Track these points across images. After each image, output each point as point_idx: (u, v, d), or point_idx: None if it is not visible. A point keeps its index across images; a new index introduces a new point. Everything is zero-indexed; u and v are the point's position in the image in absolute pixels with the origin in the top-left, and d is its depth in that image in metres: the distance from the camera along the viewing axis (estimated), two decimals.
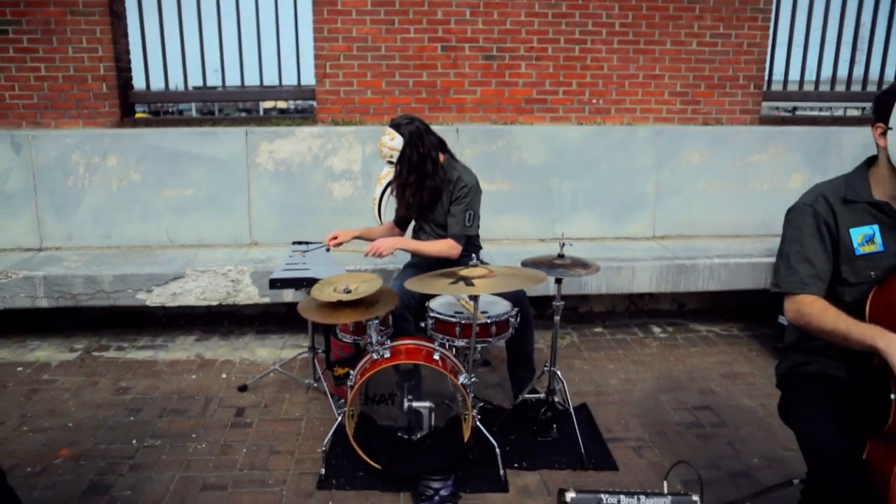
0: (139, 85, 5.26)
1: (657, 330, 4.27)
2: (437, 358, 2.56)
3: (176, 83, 5.53)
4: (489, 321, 2.69)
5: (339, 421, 2.66)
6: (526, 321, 2.93)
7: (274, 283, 3.02)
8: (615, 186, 4.61)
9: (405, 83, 4.92)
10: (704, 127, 5.05)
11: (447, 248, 3.06)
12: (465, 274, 2.50)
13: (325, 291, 2.58)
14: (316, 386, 3.33)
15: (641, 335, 4.18)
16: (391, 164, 3.04)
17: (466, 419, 2.58)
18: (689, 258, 4.01)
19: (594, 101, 5.14)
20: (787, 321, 1.87)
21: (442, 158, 3.12)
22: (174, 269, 3.81)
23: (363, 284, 2.59)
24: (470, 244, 3.18)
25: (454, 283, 2.42)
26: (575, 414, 2.84)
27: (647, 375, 3.58)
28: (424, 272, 2.78)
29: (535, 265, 2.70)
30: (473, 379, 2.61)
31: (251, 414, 3.12)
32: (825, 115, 7.81)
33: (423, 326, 2.88)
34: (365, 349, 2.82)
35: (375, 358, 2.56)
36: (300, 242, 3.52)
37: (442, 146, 3.13)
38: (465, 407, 2.56)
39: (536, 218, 4.51)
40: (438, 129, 3.45)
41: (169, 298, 3.79)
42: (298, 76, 5.17)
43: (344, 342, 3.00)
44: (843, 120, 5.66)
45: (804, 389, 1.89)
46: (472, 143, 4.50)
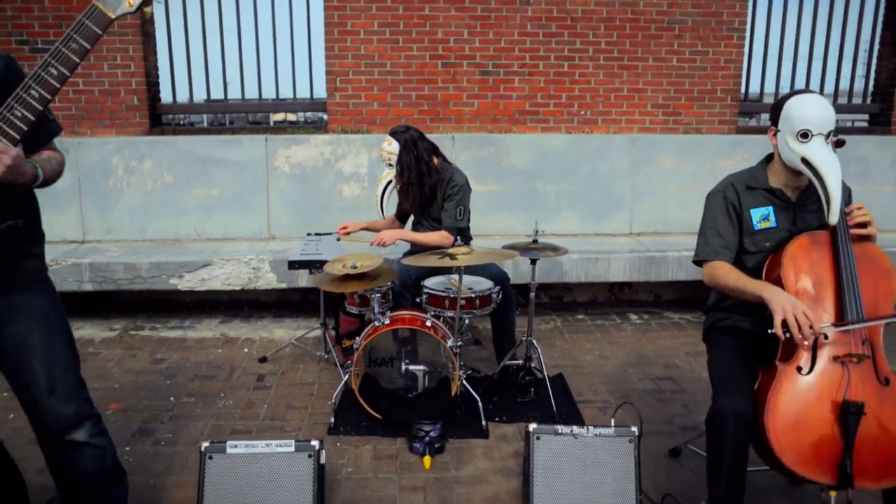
0: (166, 98, 5.80)
1: (634, 317, 4.73)
2: (429, 325, 3.03)
3: (200, 96, 6.08)
4: (473, 295, 3.16)
5: (346, 379, 3.14)
6: (507, 298, 3.41)
7: (292, 264, 3.52)
8: (595, 188, 5.09)
9: (408, 96, 5.41)
10: (676, 135, 5.51)
11: (441, 238, 3.54)
12: (450, 252, 2.99)
13: (335, 267, 3.08)
14: (327, 357, 3.82)
15: (619, 321, 4.64)
16: (390, 166, 3.54)
17: (454, 378, 3.05)
18: (659, 251, 4.48)
19: (582, 112, 5.61)
20: (705, 283, 2.34)
21: (436, 162, 3.60)
22: (202, 258, 4.32)
23: (366, 261, 3.09)
24: (462, 236, 3.66)
25: (441, 258, 2.91)
26: (550, 381, 3.32)
27: (619, 353, 4.03)
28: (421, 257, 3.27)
29: (513, 248, 3.18)
30: (460, 343, 3.08)
31: (270, 379, 3.61)
32: None
33: (418, 301, 3.36)
34: (369, 321, 3.30)
35: (377, 325, 3.05)
36: (314, 234, 4.02)
37: (435, 151, 3.62)
38: (452, 368, 3.03)
39: (524, 216, 4.99)
40: (437, 137, 3.94)
41: (198, 283, 4.30)
42: (311, 89, 5.67)
43: (351, 317, 3.49)
44: None
45: (719, 338, 2.36)
46: (466, 149, 4.99)
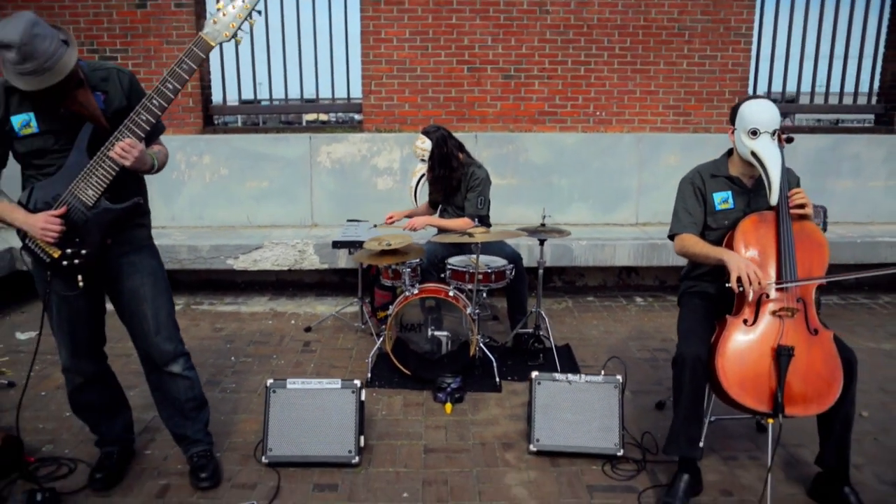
0: (217, 99, 6.43)
1: (639, 299, 5.20)
2: (451, 295, 3.57)
3: (246, 97, 6.71)
4: (489, 270, 3.69)
5: (380, 341, 3.69)
6: (520, 275, 3.93)
7: (336, 244, 4.11)
8: (604, 182, 5.57)
9: (437, 98, 5.95)
10: (679, 134, 5.94)
11: (464, 224, 4.05)
12: (469, 231, 3.53)
13: (373, 245, 3.63)
14: (363, 328, 4.38)
15: (625, 303, 5.11)
16: (423, 161, 4.07)
17: (472, 341, 3.58)
18: (661, 239, 4.94)
19: (597, 113, 6.08)
20: (676, 252, 2.82)
21: (461, 157, 4.13)
22: (254, 241, 4.92)
23: (399, 240, 3.64)
24: (482, 222, 4.17)
25: (461, 235, 3.45)
26: (557, 349, 3.83)
27: (622, 329, 4.52)
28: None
29: (524, 231, 3.70)
30: (478, 311, 3.61)
31: (315, 345, 4.18)
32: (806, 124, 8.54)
33: (443, 277, 3.90)
34: (401, 294, 3.84)
35: (407, 294, 3.59)
36: (353, 220, 4.59)
37: (461, 148, 4.14)
38: (471, 332, 3.56)
39: (539, 207, 5.42)
40: (462, 135, 4.47)
41: (251, 264, 4.90)
42: (348, 92, 6.25)
43: (385, 291, 4.04)
44: (799, 129, 6.47)
45: (688, 301, 2.84)
46: (487, 146, 5.52)
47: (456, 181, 4.07)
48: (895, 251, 4.95)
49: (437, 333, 3.67)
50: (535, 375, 2.94)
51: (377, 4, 5.70)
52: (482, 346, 3.63)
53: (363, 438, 2.82)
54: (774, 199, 2.53)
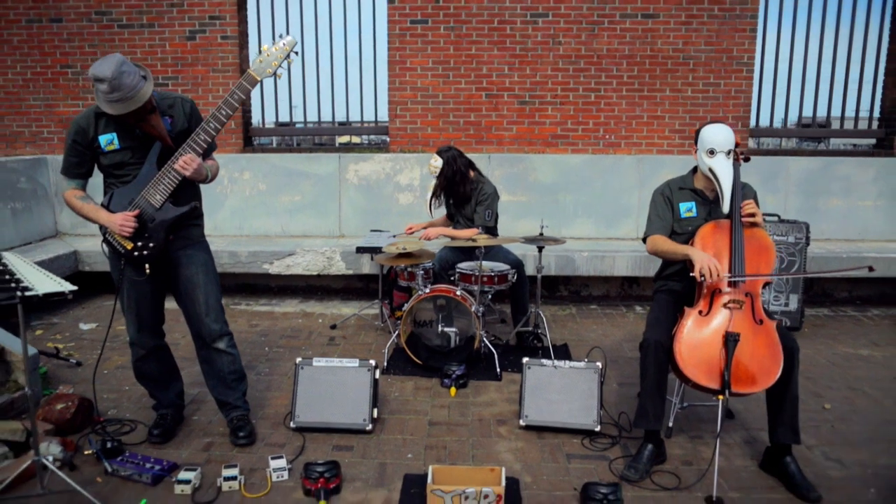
0: (256, 121, 7.06)
1: (639, 308, 5.60)
2: (458, 294, 4.04)
3: (283, 119, 7.33)
4: (493, 274, 4.16)
5: (395, 334, 4.17)
6: (521, 279, 4.39)
7: (360, 249, 4.63)
8: (607, 200, 6.00)
9: (457, 122, 6.47)
10: (678, 156, 6.35)
11: (472, 234, 4.53)
12: (474, 237, 4.01)
13: (392, 249, 4.14)
14: (383, 326, 4.87)
15: (625, 311, 5.52)
16: (436, 178, 4.57)
17: (477, 336, 4.04)
18: None
19: (607, 136, 6.53)
20: (647, 252, 3.25)
21: (472, 174, 4.61)
22: (288, 249, 5.47)
23: (413, 245, 4.14)
24: (490, 233, 4.64)
25: (467, 241, 3.93)
26: (555, 348, 4.27)
27: (618, 333, 4.93)
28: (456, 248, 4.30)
29: (525, 239, 4.17)
30: (482, 308, 4.07)
31: (339, 340, 4.68)
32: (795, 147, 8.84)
33: (452, 279, 4.37)
34: (415, 293, 4.33)
35: (420, 293, 4.07)
36: (375, 230, 5.11)
37: (471, 165, 4.62)
38: (476, 327, 4.02)
39: (547, 222, 5.93)
40: (477, 156, 4.95)
41: (284, 269, 5.45)
42: (376, 115, 6.82)
43: (402, 292, 4.53)
44: (790, 151, 6.81)
45: (658, 296, 3.26)
46: (500, 166, 6.01)
47: (466, 195, 4.56)
48: (879, 265, 5.27)
49: (446, 329, 4.14)
50: (525, 361, 3.40)
51: (403, 36, 6.27)
52: (486, 340, 4.09)
53: (376, 411, 3.29)
54: (726, 208, 2.97)
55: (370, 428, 3.22)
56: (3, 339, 3.44)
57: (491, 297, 4.51)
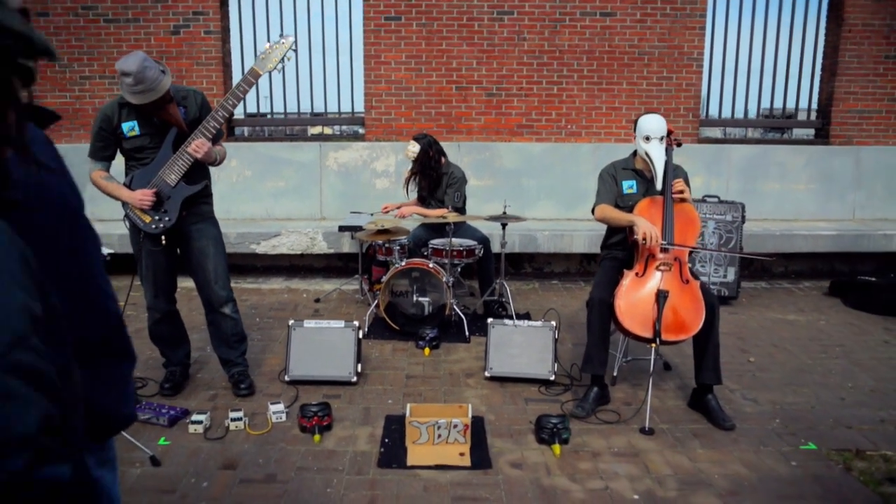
0: (238, 113, 7.41)
1: None
2: (431, 266, 4.52)
3: (263, 110, 7.71)
4: (461, 248, 4.65)
5: (374, 304, 4.64)
6: (487, 254, 4.88)
7: (342, 228, 5.09)
8: (566, 184, 6.53)
9: (429, 113, 6.91)
10: (631, 144, 6.82)
11: (442, 213, 5.01)
12: (444, 215, 4.50)
13: (370, 226, 4.61)
14: (363, 299, 5.33)
15: (584, 286, 6.05)
16: (413, 162, 5.03)
17: (447, 304, 4.52)
18: None
19: (569, 126, 7.03)
20: (595, 219, 3.75)
21: (443, 161, 5.09)
22: (273, 230, 5.89)
23: (389, 223, 4.61)
24: (458, 213, 5.13)
25: (438, 218, 4.42)
26: (517, 314, 4.77)
27: (576, 303, 5.45)
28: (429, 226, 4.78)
29: (489, 217, 4.67)
30: (453, 280, 4.56)
31: (324, 312, 5.13)
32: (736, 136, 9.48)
33: (425, 255, 4.85)
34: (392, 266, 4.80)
35: (397, 266, 4.54)
36: (355, 212, 5.56)
37: (443, 153, 5.09)
38: (447, 296, 4.50)
39: (511, 204, 6.42)
40: (448, 144, 5.40)
41: (270, 248, 5.87)
42: (352, 107, 7.23)
43: (380, 267, 5.00)
44: (729, 140, 7.40)
45: (603, 263, 3.78)
46: (468, 154, 6.49)
47: (438, 179, 5.03)
48: (808, 242, 5.89)
49: (420, 299, 4.62)
50: (490, 321, 3.90)
51: (378, 32, 6.70)
52: (456, 308, 4.58)
53: (360, 366, 3.76)
54: (658, 185, 3.50)
55: (355, 380, 3.70)
56: None
57: (460, 270, 5.00)
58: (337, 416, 3.32)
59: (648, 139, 3.55)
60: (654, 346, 3.37)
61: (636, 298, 3.38)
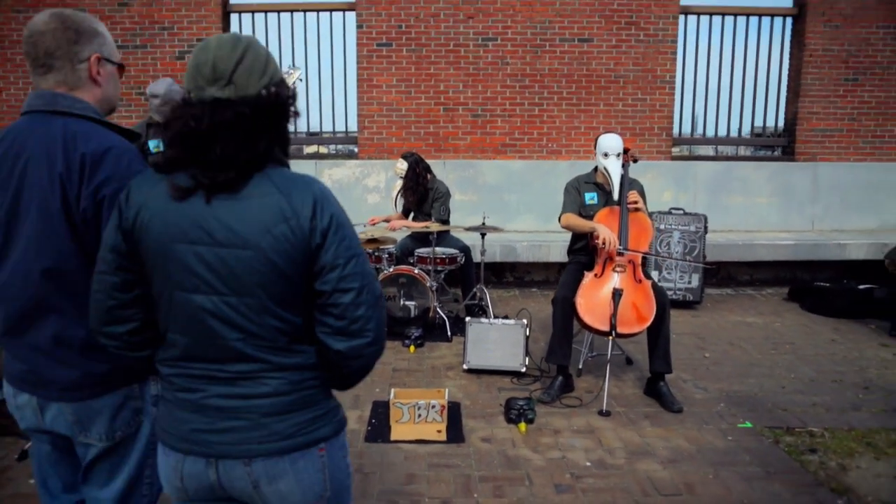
0: None
1: None
2: (416, 272, 4.94)
3: None
4: (444, 256, 5.08)
5: None
6: (469, 262, 5.32)
7: None
8: (545, 198, 6.96)
9: (418, 133, 7.38)
10: None
11: (427, 224, 5.45)
12: (428, 225, 4.94)
13: (361, 236, 5.04)
14: None
15: None
16: (401, 178, 5.47)
17: (431, 307, 4.94)
18: None
19: (549, 144, 7.50)
20: (561, 226, 4.18)
21: (429, 177, 5.53)
22: None
23: (378, 232, 5.05)
24: (443, 225, 5.57)
25: (422, 228, 4.85)
26: (496, 316, 5.19)
27: (551, 308, 5.85)
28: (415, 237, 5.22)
29: (468, 228, 5.11)
30: (436, 285, 4.99)
31: None
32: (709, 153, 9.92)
33: (411, 262, 5.27)
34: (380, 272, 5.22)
35: (385, 272, 4.97)
36: None
37: (429, 169, 5.54)
38: (431, 299, 4.92)
39: (494, 218, 6.86)
40: (434, 162, 5.84)
41: None
42: (346, 127, 7.70)
43: None
44: (698, 157, 7.86)
45: (569, 266, 4.21)
46: (453, 171, 6.95)
47: (424, 193, 5.47)
48: (769, 251, 6.34)
49: (406, 302, 5.03)
50: (468, 320, 4.32)
51: (370, 58, 7.18)
52: (440, 311, 5.00)
53: None
54: (615, 196, 3.94)
55: None
56: None
57: (444, 276, 5.42)
58: None
59: (607, 155, 4.01)
60: (610, 337, 3.79)
61: (595, 296, 3.81)
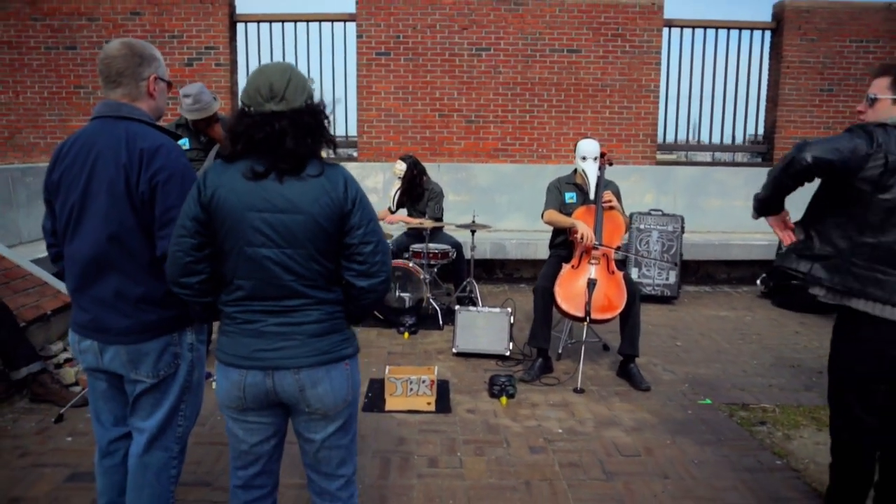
0: None
1: None
2: (411, 266, 5.33)
3: None
4: (437, 251, 5.47)
5: None
6: (460, 257, 5.71)
7: None
8: (533, 199, 7.30)
9: (415, 138, 7.78)
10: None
11: (421, 221, 5.84)
12: (421, 221, 5.33)
13: None
14: None
15: None
16: (399, 179, 5.86)
17: (424, 297, 5.33)
18: None
19: (540, 149, 7.91)
20: (544, 222, 4.57)
21: (425, 179, 5.92)
22: None
23: None
24: (437, 222, 5.96)
25: (418, 223, 5.25)
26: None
27: None
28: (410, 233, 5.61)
29: (459, 225, 5.51)
30: (429, 278, 5.37)
31: None
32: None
33: (407, 257, 5.66)
34: None
35: None
36: None
37: (424, 171, 5.93)
38: (424, 291, 5.31)
39: (485, 217, 7.25)
40: (430, 165, 6.24)
41: None
42: (346, 131, 8.10)
43: None
44: (679, 162, 8.26)
45: (550, 259, 4.60)
46: (447, 173, 7.35)
47: (420, 193, 5.86)
48: (743, 251, 6.74)
49: (402, 294, 5.42)
50: (457, 308, 4.71)
51: (370, 66, 7.58)
52: (432, 301, 5.39)
53: None
54: (591, 196, 4.34)
55: None
56: None
57: (437, 271, 5.81)
58: None
59: (585, 159, 4.41)
60: (585, 323, 4.18)
61: (572, 286, 4.20)
